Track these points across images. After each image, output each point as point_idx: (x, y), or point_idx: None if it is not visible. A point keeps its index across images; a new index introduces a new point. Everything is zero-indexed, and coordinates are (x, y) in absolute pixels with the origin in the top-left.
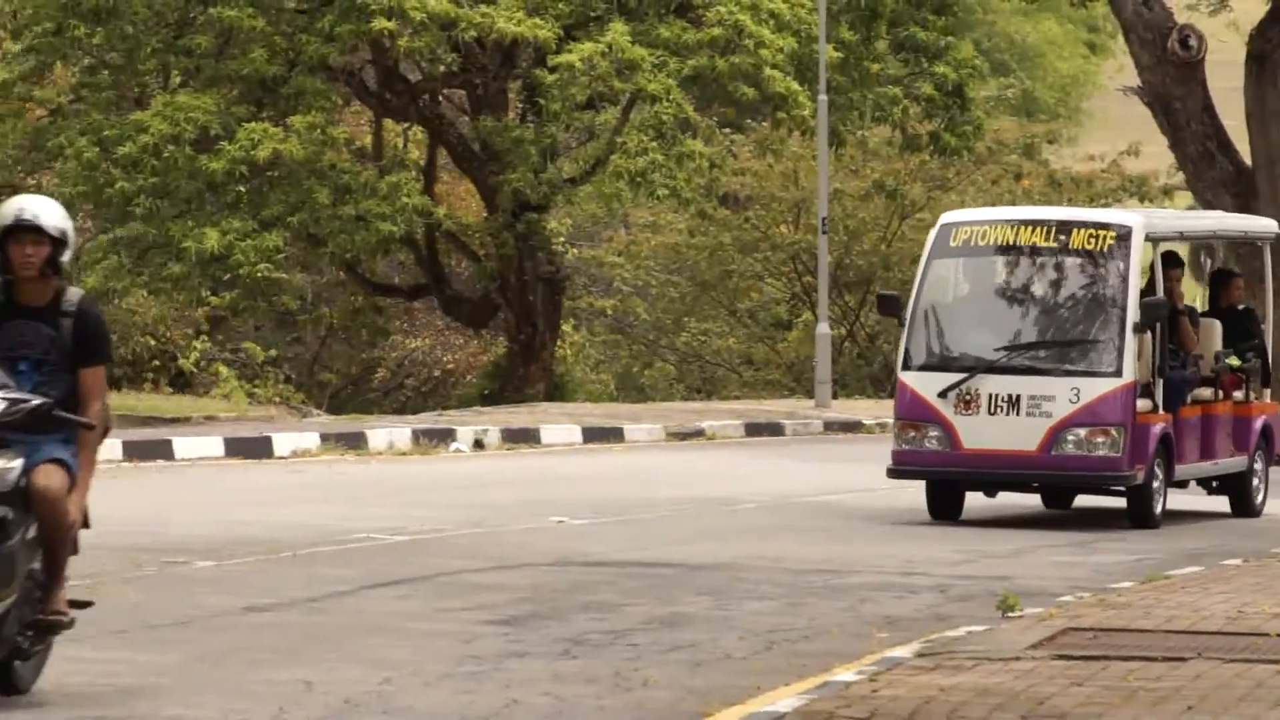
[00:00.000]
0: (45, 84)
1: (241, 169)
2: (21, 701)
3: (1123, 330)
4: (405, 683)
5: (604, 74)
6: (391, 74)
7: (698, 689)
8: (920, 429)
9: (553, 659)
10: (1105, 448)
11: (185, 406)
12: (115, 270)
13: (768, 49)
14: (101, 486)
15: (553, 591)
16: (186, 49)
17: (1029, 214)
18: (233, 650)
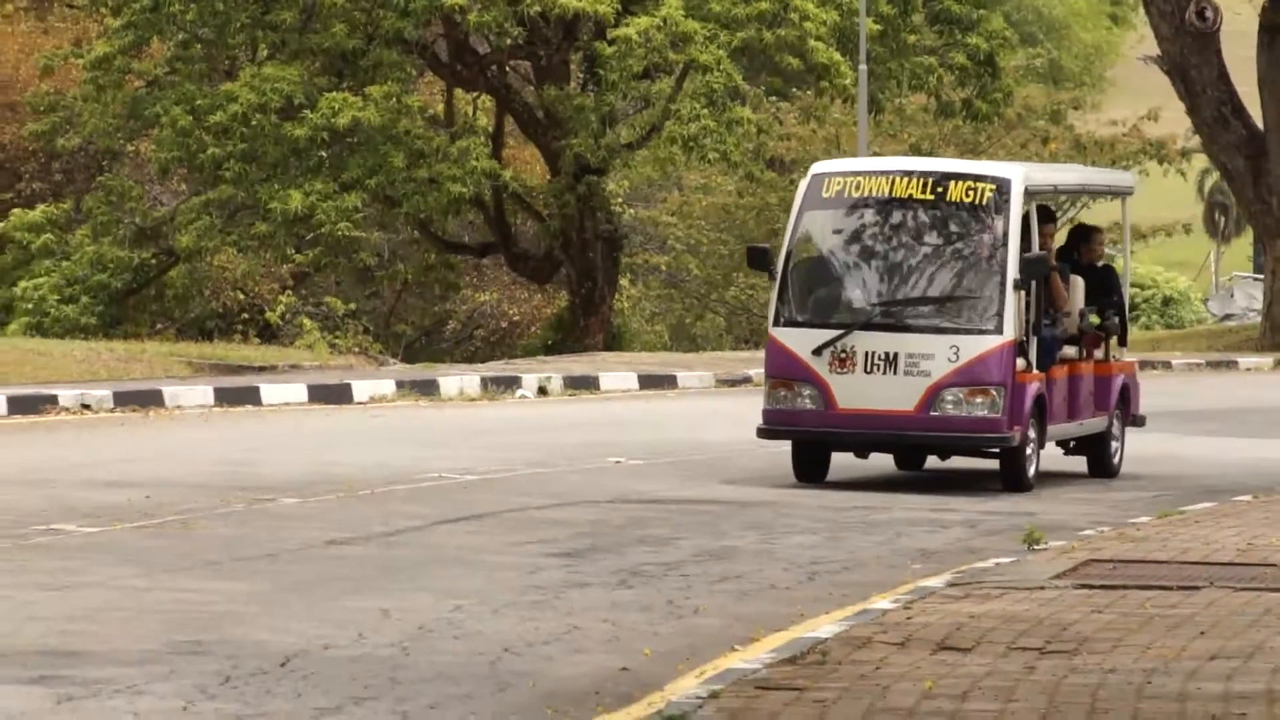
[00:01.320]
0: (143, 57)
1: (323, 135)
2: (121, 619)
3: (1003, 287)
4: (474, 610)
5: (659, 46)
6: (462, 47)
7: (745, 616)
8: (793, 387)
9: (610, 589)
10: (985, 408)
11: (271, 356)
12: (207, 230)
13: (812, 22)
14: (195, 430)
15: (610, 526)
16: (273, 24)
17: (905, 164)
18: (316, 580)
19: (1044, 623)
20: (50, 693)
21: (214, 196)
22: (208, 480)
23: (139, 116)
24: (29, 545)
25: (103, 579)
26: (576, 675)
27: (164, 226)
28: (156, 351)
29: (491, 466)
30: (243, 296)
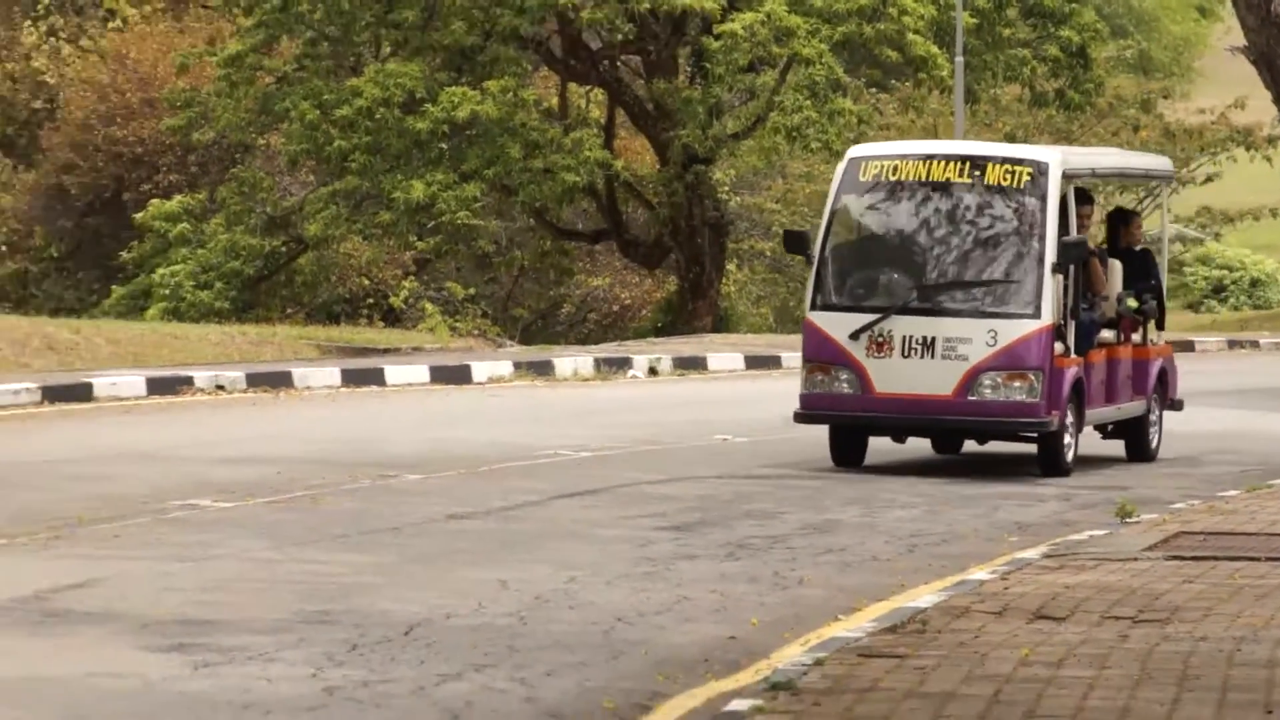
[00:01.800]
0: (273, 55)
1: (443, 128)
2: (253, 590)
3: (1041, 270)
4: (588, 581)
5: (764, 40)
6: (575, 43)
7: (848, 587)
8: (830, 372)
9: (718, 561)
10: (1023, 393)
11: (395, 339)
12: (334, 219)
13: (910, 16)
14: (322, 410)
15: (718, 501)
16: (395, 22)
17: (942, 148)
18: (438, 553)
19: (1136, 593)
20: (187, 659)
21: (340, 187)
22: (335, 457)
23: (269, 111)
24: (167, 519)
25: (236, 551)
26: (686, 644)
27: (293, 216)
28: (286, 335)
29: (604, 443)
30: (368, 282)
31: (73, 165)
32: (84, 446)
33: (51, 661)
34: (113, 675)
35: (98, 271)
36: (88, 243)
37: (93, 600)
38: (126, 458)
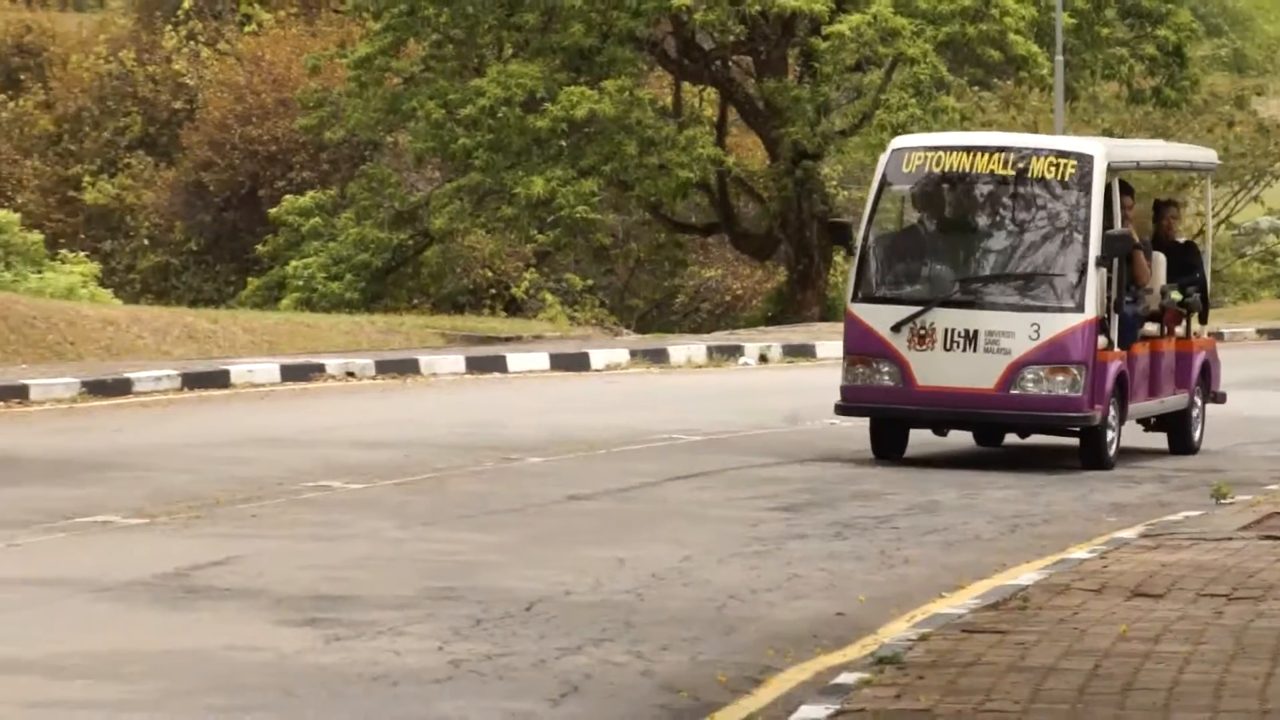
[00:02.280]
0: (400, 56)
1: (563, 126)
2: (383, 567)
3: (1085, 264)
4: (702, 560)
5: (870, 40)
6: (689, 44)
7: (951, 565)
8: (871, 364)
9: (827, 540)
10: (1066, 387)
11: (517, 327)
12: (458, 213)
13: (1011, 17)
14: (447, 395)
15: (826, 483)
16: (517, 25)
17: (986, 140)
18: (557, 532)
19: (1231, 571)
20: (320, 633)
21: (464, 183)
22: (459, 441)
23: (397, 111)
24: (300, 500)
25: (366, 531)
26: (796, 620)
27: (420, 210)
28: (413, 324)
29: (717, 428)
30: (490, 274)
31: (211, 163)
32: (222, 431)
33: (191, 635)
34: (249, 648)
35: (234, 264)
36: (225, 237)
37: (231, 577)
38: (262, 441)
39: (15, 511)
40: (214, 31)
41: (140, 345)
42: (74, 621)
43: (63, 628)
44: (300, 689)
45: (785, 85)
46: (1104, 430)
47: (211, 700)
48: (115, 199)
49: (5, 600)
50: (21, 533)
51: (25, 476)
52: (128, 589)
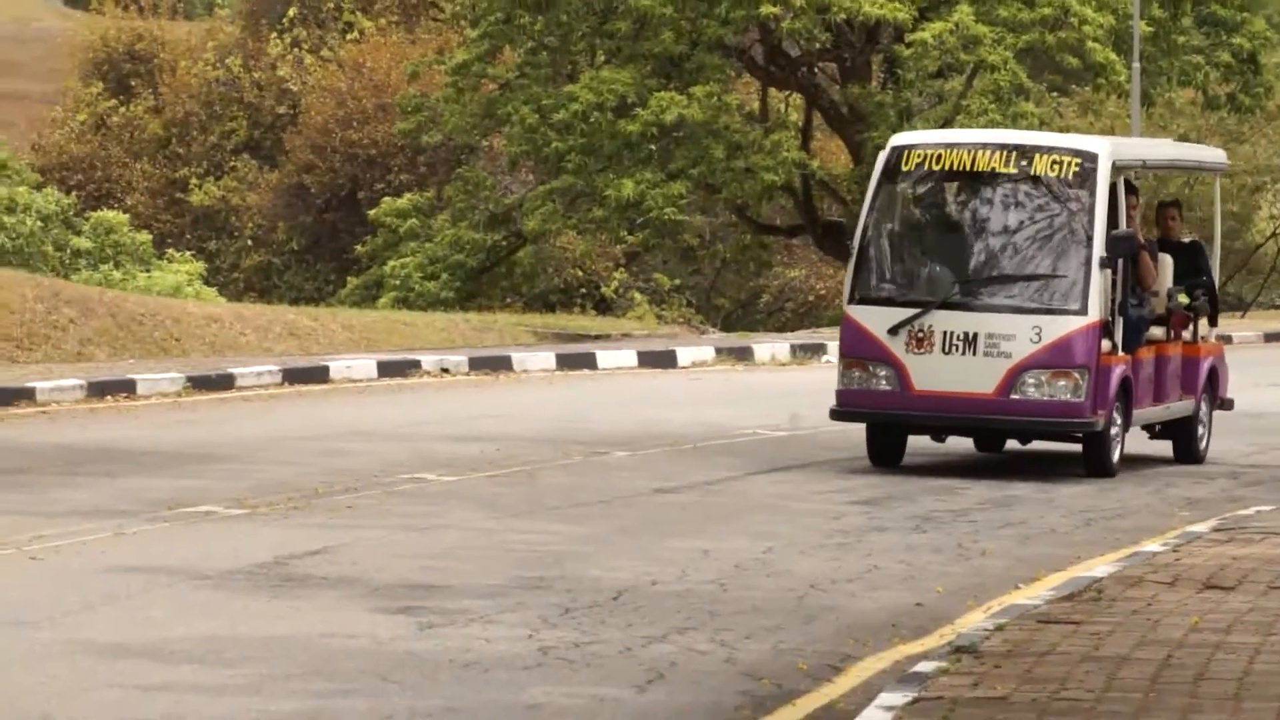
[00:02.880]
0: (496, 63)
1: (652, 130)
2: (475, 557)
3: (1088, 265)
4: (784, 551)
5: (952, 48)
6: (776, 51)
7: (1027, 558)
8: (868, 368)
9: (906, 533)
10: (1068, 391)
11: (606, 325)
12: (551, 215)
13: (1090, 25)
14: (538, 391)
15: (904, 477)
16: (609, 32)
17: (987, 137)
18: (644, 524)
19: None
20: (414, 621)
21: (557, 185)
22: (549, 435)
23: (493, 115)
24: (396, 491)
25: (458, 522)
26: (875, 610)
27: (513, 212)
28: (506, 322)
29: (799, 423)
30: (581, 273)
31: (313, 165)
32: (321, 424)
33: (290, 621)
34: (346, 635)
35: (334, 263)
36: (325, 237)
37: (328, 566)
38: (359, 435)
39: (123, 501)
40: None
41: (243, 342)
42: (178, 608)
43: (168, 614)
44: (395, 675)
45: (869, 91)
46: (1107, 437)
47: (309, 685)
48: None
49: (114, 587)
50: (129, 522)
51: (132, 468)
52: (229, 577)
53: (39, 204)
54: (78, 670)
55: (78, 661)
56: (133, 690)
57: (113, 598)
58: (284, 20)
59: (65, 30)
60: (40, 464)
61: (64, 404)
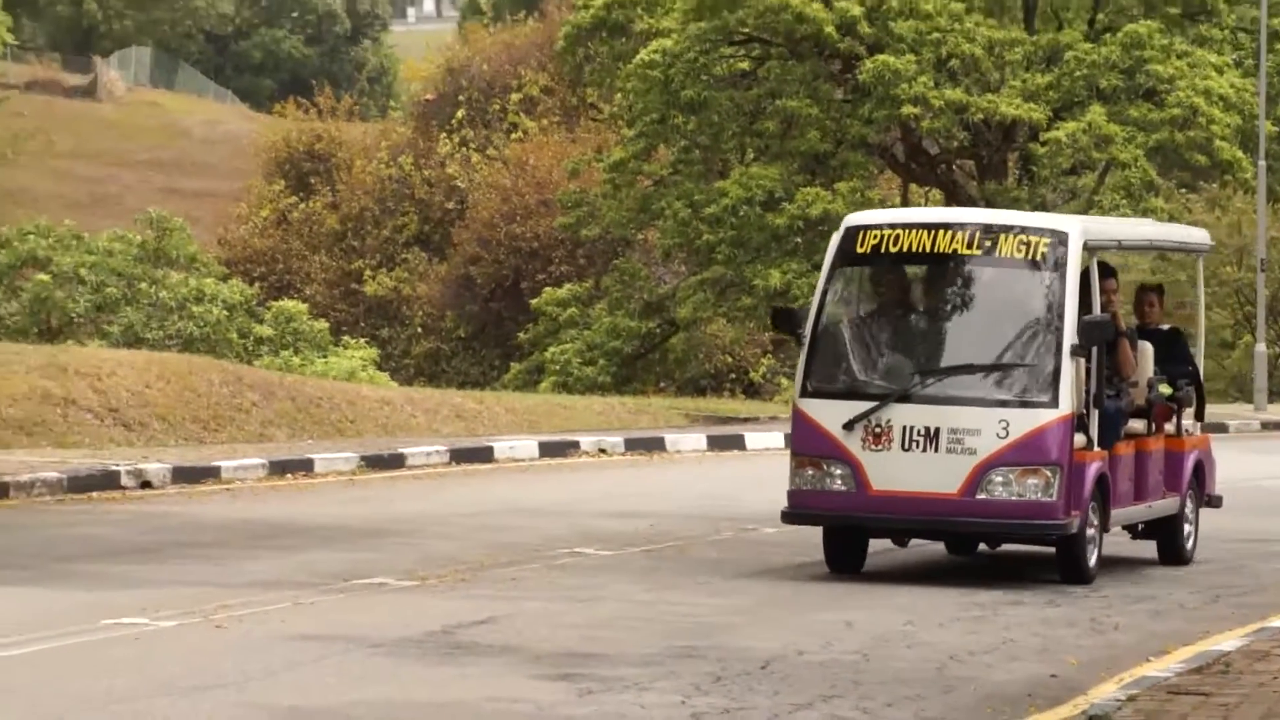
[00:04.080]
0: (651, 161)
1: (799, 223)
2: (631, 627)
3: (1059, 353)
4: (923, 623)
5: (1085, 146)
6: (916, 149)
7: (1157, 632)
8: (821, 467)
9: (1040, 607)
10: (1039, 491)
11: (754, 409)
12: (702, 303)
13: (1217, 124)
14: (690, 470)
15: (1041, 554)
16: (758, 132)
17: (948, 216)
18: (790, 597)
19: None
20: (573, 687)
21: (708, 275)
22: (701, 512)
23: (648, 210)
24: (556, 565)
25: (615, 594)
26: (1012, 680)
27: (666, 301)
28: (660, 405)
29: None
30: (730, 359)
31: (479, 258)
32: (485, 501)
33: (457, 687)
34: (510, 700)
35: (498, 350)
36: (490, 325)
37: (493, 635)
38: (522, 511)
39: (301, 573)
40: (484, 138)
41: (413, 423)
42: (352, 675)
43: (342, 680)
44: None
45: (1005, 187)
46: (1083, 539)
47: None
48: (393, 291)
49: (292, 654)
50: (306, 592)
51: (310, 542)
52: (400, 645)
53: (225, 294)
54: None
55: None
56: None
57: (292, 664)
58: (453, 121)
59: (250, 132)
60: (225, 538)
61: (247, 482)
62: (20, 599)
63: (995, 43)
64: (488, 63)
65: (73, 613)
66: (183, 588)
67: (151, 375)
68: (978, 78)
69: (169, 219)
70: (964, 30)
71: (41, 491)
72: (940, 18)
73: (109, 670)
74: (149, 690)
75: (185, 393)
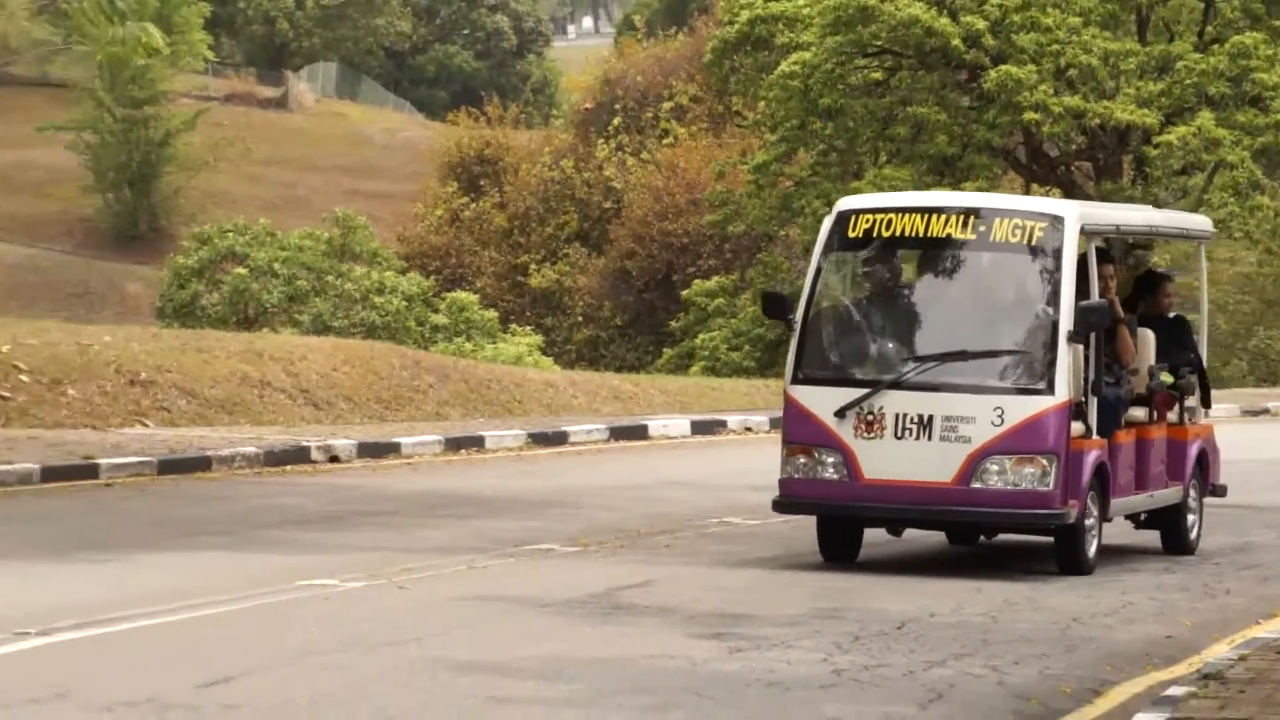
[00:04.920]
0: (792, 163)
1: None
2: (776, 591)
3: (1054, 339)
4: (1048, 588)
5: (1195, 149)
6: (1037, 151)
7: (1267, 597)
8: (813, 455)
9: (1156, 574)
10: (1034, 479)
11: None
12: None
13: None
14: None
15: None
16: (891, 137)
17: (942, 200)
18: (924, 564)
19: None
20: (723, 645)
21: None
22: None
23: (788, 208)
24: (706, 533)
25: (760, 560)
26: (1130, 641)
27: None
28: None
29: None
30: None
31: (633, 252)
32: (641, 475)
33: (618, 644)
34: (666, 656)
35: (652, 337)
36: (645, 314)
37: (649, 597)
38: (675, 484)
39: (475, 540)
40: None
41: (575, 404)
42: (523, 632)
43: (514, 637)
44: (708, 691)
45: (1120, 187)
46: (1080, 529)
47: (635, 700)
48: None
49: (467, 613)
50: (480, 558)
51: (483, 511)
52: (565, 605)
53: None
54: (439, 684)
55: (439, 676)
56: (486, 701)
57: (467, 622)
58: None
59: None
60: (405, 508)
61: (425, 456)
62: (223, 563)
63: (1111, 53)
64: (641, 74)
65: (269, 575)
66: (368, 552)
67: (338, 360)
68: (1094, 86)
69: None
70: (1081, 42)
71: (241, 465)
72: (1060, 31)
73: (302, 627)
74: (338, 645)
75: (369, 375)
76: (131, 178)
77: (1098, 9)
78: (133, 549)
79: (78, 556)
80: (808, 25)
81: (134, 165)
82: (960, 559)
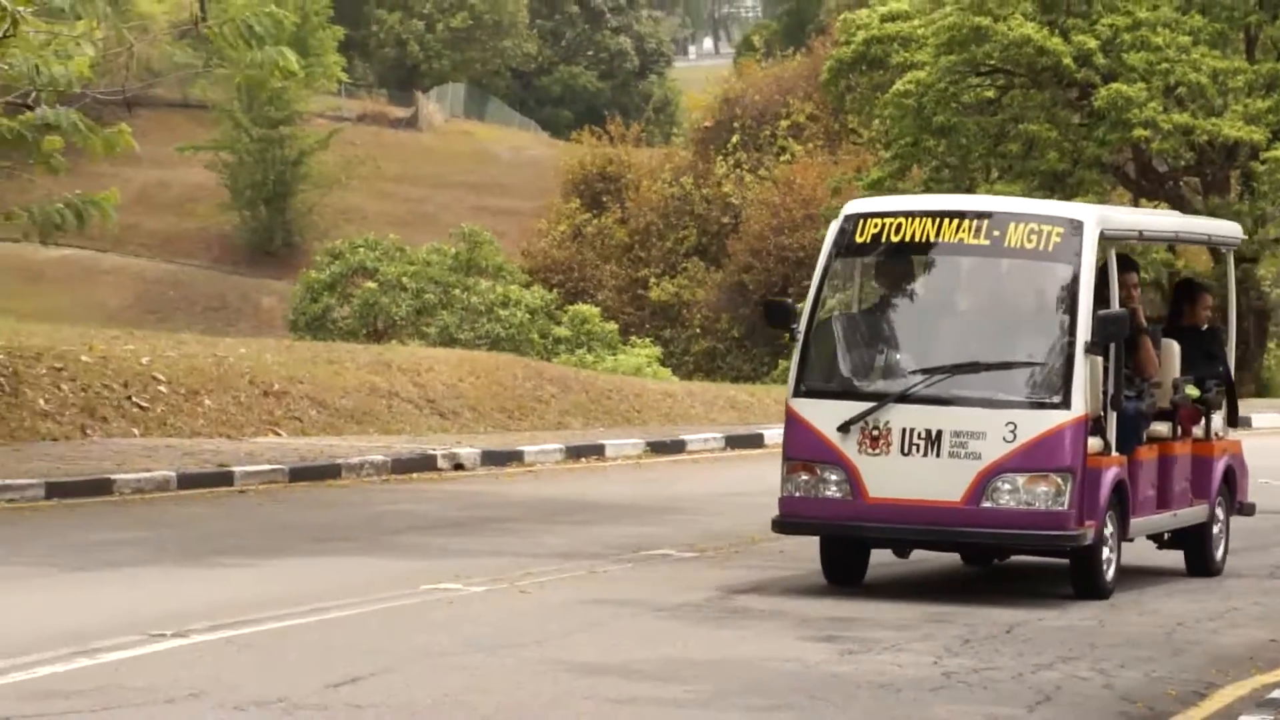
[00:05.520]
0: (905, 179)
1: None
2: (887, 594)
3: (1071, 350)
4: (1153, 593)
5: None
6: (1146, 167)
7: None
8: (815, 471)
9: (1260, 579)
10: (1048, 499)
11: None
12: None
13: None
14: None
15: (1259, 532)
16: (1002, 154)
17: (954, 203)
18: (1033, 570)
19: None
20: (836, 648)
21: None
22: None
23: None
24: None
25: (872, 564)
26: (1235, 644)
27: None
28: None
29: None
30: None
31: (750, 266)
32: (756, 482)
33: (733, 646)
34: (780, 659)
35: (768, 348)
36: (761, 327)
37: (764, 600)
38: None
39: (594, 545)
40: (755, 160)
41: (692, 413)
42: (640, 635)
43: (631, 639)
44: (820, 693)
45: (1228, 202)
46: (1098, 551)
47: (750, 700)
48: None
49: (587, 616)
50: (600, 562)
51: (602, 518)
52: (681, 609)
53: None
54: (559, 685)
55: (559, 678)
56: (605, 703)
57: (587, 625)
58: (728, 145)
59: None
60: (527, 514)
61: (546, 464)
62: (350, 567)
63: (1219, 71)
64: (759, 93)
65: (396, 579)
66: (491, 557)
67: (464, 371)
68: (1203, 103)
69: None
70: (1190, 61)
71: (369, 473)
72: (1169, 50)
73: (428, 629)
74: (462, 646)
75: (493, 386)
76: (267, 195)
77: (1207, 28)
78: (264, 554)
79: (212, 560)
80: (922, 45)
81: (269, 183)
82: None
